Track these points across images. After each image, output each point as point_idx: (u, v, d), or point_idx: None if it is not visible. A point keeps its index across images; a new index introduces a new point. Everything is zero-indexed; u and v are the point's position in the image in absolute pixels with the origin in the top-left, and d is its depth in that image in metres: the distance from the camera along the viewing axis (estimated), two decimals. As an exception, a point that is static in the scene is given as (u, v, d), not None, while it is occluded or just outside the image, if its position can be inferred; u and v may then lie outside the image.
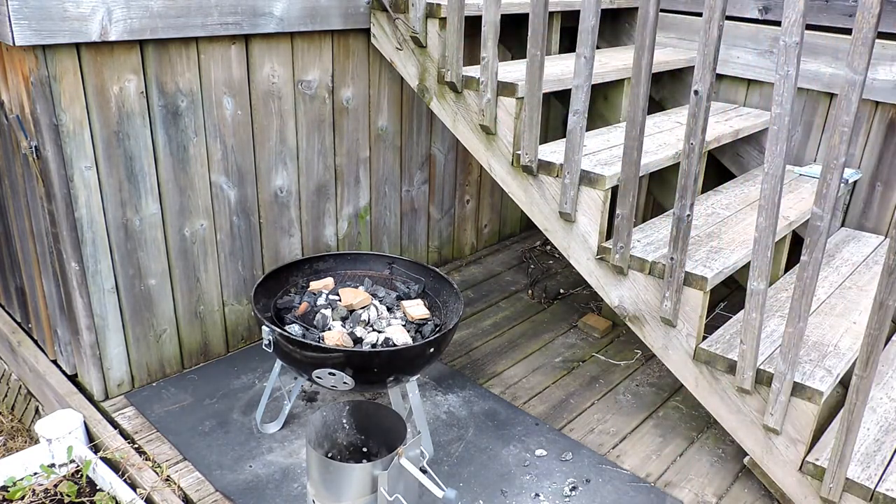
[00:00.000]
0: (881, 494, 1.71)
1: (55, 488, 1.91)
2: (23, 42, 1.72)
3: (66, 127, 1.90)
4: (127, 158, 2.05)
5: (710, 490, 2.03)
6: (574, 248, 2.15)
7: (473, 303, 3.02)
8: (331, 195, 2.65)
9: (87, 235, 2.03)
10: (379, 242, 2.94)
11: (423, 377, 2.44)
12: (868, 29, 1.42)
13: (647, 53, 1.76)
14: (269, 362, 2.47)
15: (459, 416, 2.27)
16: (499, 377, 2.51)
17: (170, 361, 2.36)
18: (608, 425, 2.28)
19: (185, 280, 2.31)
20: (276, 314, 2.01)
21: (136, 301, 2.20)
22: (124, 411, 2.20)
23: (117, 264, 2.12)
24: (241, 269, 2.46)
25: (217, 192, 2.30)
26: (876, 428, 1.93)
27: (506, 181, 2.27)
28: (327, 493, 1.69)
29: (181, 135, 2.15)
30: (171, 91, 2.09)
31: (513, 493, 1.96)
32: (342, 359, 1.77)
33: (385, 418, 1.82)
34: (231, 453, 2.05)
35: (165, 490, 1.89)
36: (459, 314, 1.96)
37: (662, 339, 2.02)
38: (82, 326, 2.11)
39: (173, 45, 2.05)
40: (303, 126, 2.46)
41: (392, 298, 2.14)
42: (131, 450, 2.03)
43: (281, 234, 2.53)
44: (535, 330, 2.84)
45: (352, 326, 1.94)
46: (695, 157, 1.76)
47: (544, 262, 3.45)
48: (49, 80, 1.84)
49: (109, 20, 1.85)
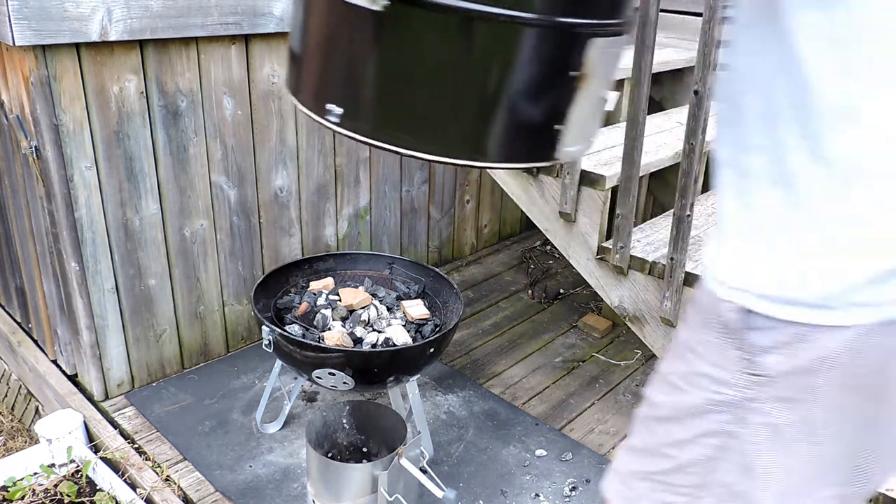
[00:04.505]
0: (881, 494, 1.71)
1: (55, 488, 1.91)
2: (23, 42, 1.72)
3: (66, 127, 1.90)
4: (127, 158, 2.05)
5: (710, 490, 2.03)
6: (574, 248, 2.15)
7: (473, 303, 3.02)
8: (331, 195, 2.65)
9: (87, 235, 2.03)
10: (379, 242, 2.94)
11: (423, 377, 2.44)
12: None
13: (648, 53, 1.76)
14: (269, 362, 2.47)
15: (459, 416, 2.27)
16: (499, 377, 2.51)
17: (170, 361, 2.36)
18: (608, 425, 2.28)
19: (185, 280, 2.31)
20: (276, 314, 2.01)
21: (136, 301, 2.20)
22: (124, 411, 2.20)
23: (117, 264, 2.12)
24: (241, 269, 2.46)
25: (217, 192, 2.30)
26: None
27: (506, 181, 2.27)
28: (327, 493, 1.69)
29: (181, 135, 2.15)
30: (171, 91, 2.09)
31: (513, 493, 1.96)
32: (342, 359, 1.77)
33: (385, 418, 1.82)
34: (231, 453, 2.05)
35: (165, 490, 1.89)
36: (459, 314, 1.96)
37: (662, 339, 2.02)
38: (82, 326, 2.11)
39: (173, 45, 2.05)
40: (303, 126, 2.46)
41: (392, 298, 2.14)
42: (131, 450, 2.03)
43: (281, 234, 2.53)
44: (535, 330, 2.84)
45: (352, 326, 1.94)
46: (695, 157, 1.76)
47: (544, 262, 3.45)
48: (49, 80, 1.84)
49: (109, 20, 1.85)
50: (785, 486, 0.94)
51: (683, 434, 0.98)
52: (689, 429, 0.96)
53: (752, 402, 0.87)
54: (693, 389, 0.94)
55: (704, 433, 0.94)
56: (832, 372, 0.81)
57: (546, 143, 1.09)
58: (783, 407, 0.87)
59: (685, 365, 0.96)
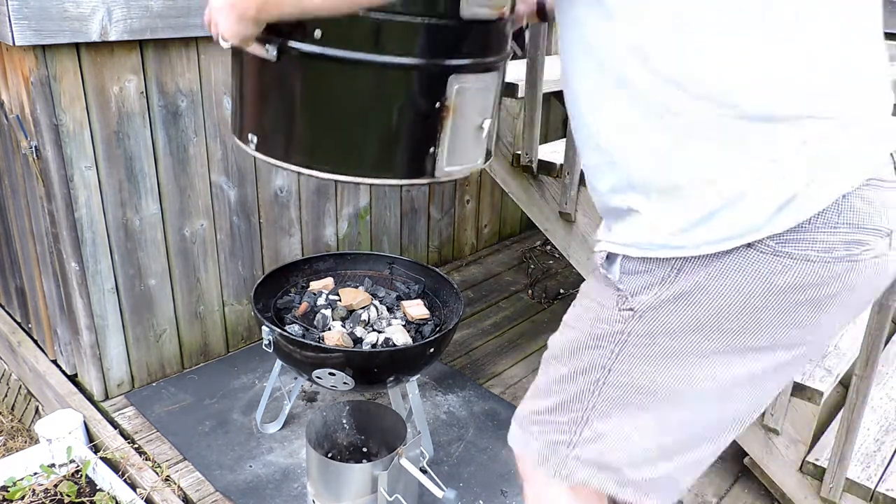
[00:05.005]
0: (881, 494, 1.71)
1: (55, 488, 1.91)
2: (23, 42, 1.72)
3: (66, 127, 1.90)
4: (127, 158, 2.05)
5: (710, 490, 2.03)
6: (574, 248, 2.15)
7: (473, 303, 3.02)
8: (331, 195, 2.65)
9: (87, 235, 2.03)
10: (379, 242, 2.94)
11: (423, 377, 2.44)
12: (868, 29, 1.42)
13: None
14: (269, 362, 2.47)
15: (459, 416, 2.27)
16: (499, 377, 2.51)
17: (170, 361, 2.36)
18: (608, 425, 2.28)
19: (185, 280, 2.31)
20: (276, 314, 2.01)
21: (136, 301, 2.20)
22: (124, 411, 2.20)
23: (117, 264, 2.12)
24: (241, 269, 2.46)
25: (217, 192, 2.30)
26: (876, 428, 1.93)
27: (506, 181, 2.27)
28: (327, 493, 1.69)
29: (181, 135, 2.15)
30: (171, 91, 2.09)
31: (513, 493, 1.96)
32: (342, 359, 1.77)
33: (385, 418, 1.82)
34: (231, 453, 2.05)
35: (165, 490, 1.89)
36: (459, 314, 1.96)
37: (662, 339, 2.02)
38: (82, 326, 2.11)
39: (173, 45, 2.05)
40: (303, 126, 2.46)
41: (392, 298, 2.14)
42: (131, 450, 2.03)
43: (281, 234, 2.53)
44: (535, 330, 2.84)
45: (352, 326, 1.94)
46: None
47: (544, 262, 3.45)
48: (49, 80, 1.84)
49: (109, 20, 1.85)
50: (657, 418, 1.07)
51: (565, 370, 1.11)
52: (569, 365, 1.11)
53: (624, 335, 1.03)
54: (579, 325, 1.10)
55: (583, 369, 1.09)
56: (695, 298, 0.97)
57: (424, 163, 1.32)
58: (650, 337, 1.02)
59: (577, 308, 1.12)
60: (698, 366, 1.01)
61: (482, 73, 1.31)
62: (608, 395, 1.07)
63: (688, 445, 1.09)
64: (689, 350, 1.00)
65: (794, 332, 0.97)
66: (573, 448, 1.12)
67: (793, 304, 0.94)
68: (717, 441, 1.10)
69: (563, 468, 1.14)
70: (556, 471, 1.14)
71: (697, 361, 1.01)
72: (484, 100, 1.34)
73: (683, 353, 1.00)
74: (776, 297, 0.93)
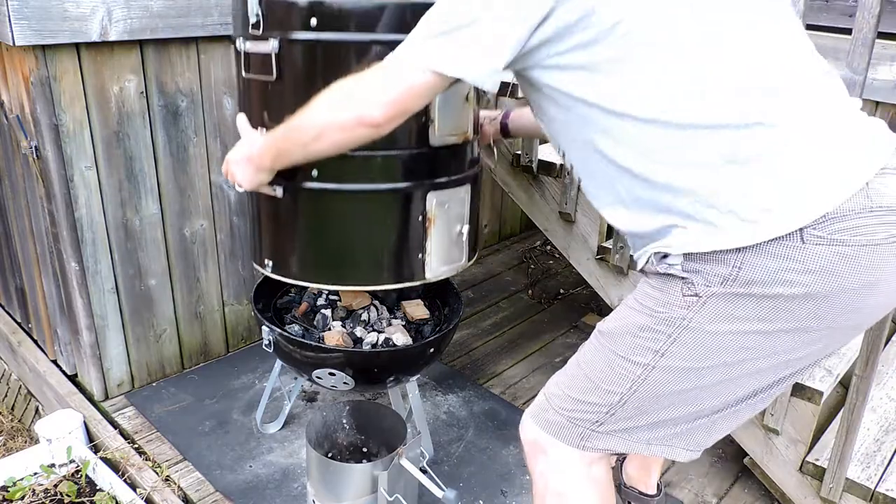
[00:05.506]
0: (881, 494, 1.71)
1: (55, 488, 1.91)
2: (23, 42, 1.72)
3: (66, 127, 1.90)
4: (127, 158, 2.05)
5: (710, 490, 2.03)
6: (574, 248, 2.15)
7: (473, 303, 3.02)
8: (331, 195, 2.65)
9: (87, 235, 2.03)
10: (379, 242, 2.94)
11: (423, 377, 2.44)
12: (868, 29, 1.43)
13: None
14: (269, 362, 2.47)
15: (459, 416, 2.27)
16: (499, 377, 2.51)
17: (170, 361, 2.36)
18: (608, 425, 2.28)
19: (185, 280, 2.31)
20: (276, 314, 2.01)
21: (136, 301, 2.20)
22: (124, 411, 2.20)
23: (117, 264, 2.12)
24: (241, 269, 2.46)
25: (217, 193, 2.30)
26: (876, 428, 1.93)
27: (506, 181, 2.27)
28: (327, 493, 1.69)
29: (181, 135, 2.15)
30: (171, 91, 2.09)
31: (513, 493, 1.96)
32: (342, 359, 1.77)
33: (385, 418, 1.82)
34: (231, 453, 2.05)
35: (165, 490, 1.89)
36: (459, 314, 1.96)
37: (662, 339, 2.02)
38: (82, 326, 2.11)
39: (173, 45, 2.05)
40: (303, 126, 2.46)
41: (392, 298, 2.13)
42: (131, 450, 2.03)
43: (281, 234, 2.53)
44: (535, 330, 2.84)
45: (352, 326, 1.94)
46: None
47: (544, 262, 3.45)
48: (49, 80, 1.84)
49: (109, 20, 1.85)
50: (700, 398, 1.11)
51: (608, 356, 1.15)
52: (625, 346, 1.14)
53: (685, 321, 1.06)
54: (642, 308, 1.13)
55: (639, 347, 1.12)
56: None
57: (415, 267, 1.58)
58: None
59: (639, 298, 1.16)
60: (760, 345, 1.05)
61: (456, 187, 1.56)
62: (655, 378, 1.10)
63: (731, 405, 1.13)
64: (751, 331, 1.04)
65: (852, 316, 1.04)
66: (600, 425, 1.17)
67: (856, 289, 1.00)
68: (759, 395, 1.13)
69: (587, 440, 1.19)
70: (581, 442, 1.19)
71: (760, 340, 1.05)
72: (460, 208, 1.59)
73: (743, 334, 1.05)
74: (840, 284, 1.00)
